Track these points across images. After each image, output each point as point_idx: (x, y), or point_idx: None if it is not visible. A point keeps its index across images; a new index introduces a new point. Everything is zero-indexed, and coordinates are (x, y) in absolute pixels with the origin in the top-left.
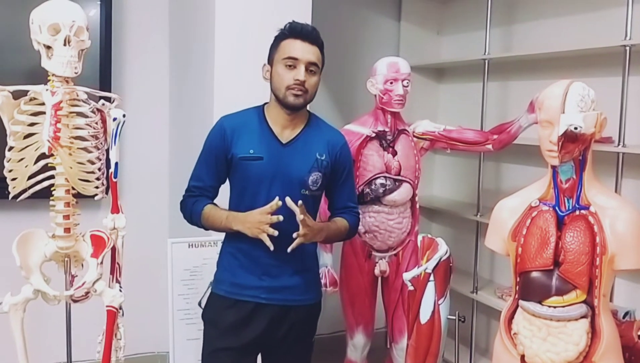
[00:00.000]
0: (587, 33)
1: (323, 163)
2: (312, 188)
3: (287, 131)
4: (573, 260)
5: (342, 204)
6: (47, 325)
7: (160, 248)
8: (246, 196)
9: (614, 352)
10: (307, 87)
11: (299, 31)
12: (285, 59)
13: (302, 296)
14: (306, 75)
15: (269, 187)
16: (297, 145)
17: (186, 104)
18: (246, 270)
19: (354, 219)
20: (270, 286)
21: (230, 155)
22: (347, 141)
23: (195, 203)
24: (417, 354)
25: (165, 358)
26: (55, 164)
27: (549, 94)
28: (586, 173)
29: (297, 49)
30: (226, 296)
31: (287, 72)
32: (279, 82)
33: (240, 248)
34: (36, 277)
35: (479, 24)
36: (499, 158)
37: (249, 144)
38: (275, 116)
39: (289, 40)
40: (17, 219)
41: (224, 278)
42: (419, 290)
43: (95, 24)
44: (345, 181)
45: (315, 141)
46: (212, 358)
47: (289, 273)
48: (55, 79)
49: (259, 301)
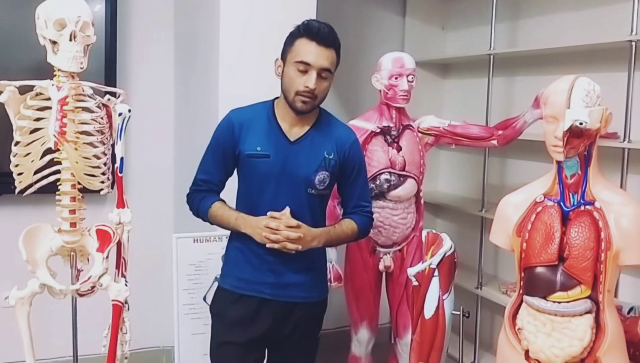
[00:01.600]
0: (592, 28)
1: (331, 162)
2: (318, 187)
3: (295, 128)
4: (578, 255)
5: (354, 203)
6: (53, 319)
7: (165, 243)
8: (252, 193)
9: (618, 348)
10: (316, 93)
11: (315, 33)
12: (297, 63)
13: (308, 294)
14: (317, 81)
15: (276, 185)
16: (304, 143)
17: (191, 99)
18: (252, 266)
19: (365, 221)
20: (276, 282)
21: (238, 151)
22: (357, 138)
23: (203, 199)
24: (421, 349)
25: (170, 352)
26: (61, 159)
27: (554, 89)
28: (591, 169)
29: (310, 54)
30: (232, 290)
31: (299, 76)
32: (289, 84)
33: (246, 243)
34: (42, 271)
35: (484, 19)
36: (504, 154)
37: (257, 141)
38: (284, 113)
39: (304, 41)
40: (23, 213)
41: (230, 272)
42: (424, 285)
43: (100, 19)
44: (356, 179)
45: (324, 139)
46: (219, 351)
47: (295, 271)
48: (61, 74)
49: (263, 297)
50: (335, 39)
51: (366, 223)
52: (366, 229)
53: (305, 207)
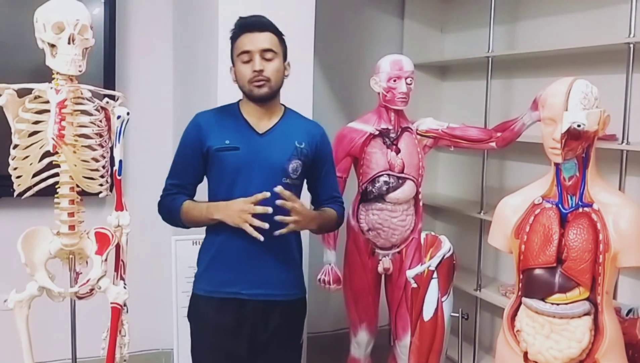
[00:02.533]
0: (590, 30)
1: (303, 151)
2: (292, 176)
3: (263, 122)
4: (576, 257)
5: (328, 195)
6: (52, 322)
7: (164, 246)
8: (224, 187)
9: (617, 349)
10: (267, 75)
11: (245, 24)
12: (240, 55)
13: (286, 291)
14: (263, 63)
15: (247, 177)
16: (274, 134)
17: (190, 102)
18: (226, 268)
19: (341, 210)
20: (253, 279)
21: (206, 148)
22: (325, 131)
23: (173, 200)
24: (420, 351)
25: (169, 355)
26: (60, 162)
27: (552, 91)
28: (589, 171)
29: (247, 42)
30: (206, 295)
31: (245, 66)
32: (241, 78)
33: (218, 244)
34: (41, 274)
35: (482, 21)
36: (503, 156)
37: (225, 136)
38: (249, 109)
39: (240, 37)
40: (22, 216)
41: (203, 278)
42: (422, 287)
43: (99, 22)
44: (328, 171)
45: (293, 130)
46: (200, 358)
47: (272, 266)
48: (60, 77)
49: (241, 298)
50: (268, 23)
51: (342, 212)
52: (342, 217)
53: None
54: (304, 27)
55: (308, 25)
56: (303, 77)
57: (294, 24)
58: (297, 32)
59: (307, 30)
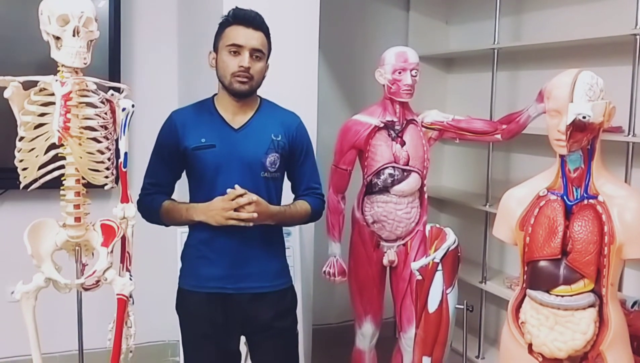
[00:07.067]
0: (596, 22)
1: (280, 144)
2: (270, 170)
3: (238, 117)
4: (581, 249)
5: (305, 186)
6: (59, 313)
7: (169, 237)
8: (204, 185)
9: (621, 341)
10: (252, 73)
11: (242, 17)
12: (229, 46)
13: (271, 282)
14: (251, 61)
15: (226, 173)
16: (249, 129)
17: (194, 95)
18: (210, 263)
19: (318, 202)
20: (236, 274)
21: (183, 148)
22: (302, 121)
23: (152, 200)
24: (425, 343)
25: (175, 346)
26: (65, 154)
27: (557, 83)
28: (595, 162)
29: (240, 36)
30: (191, 290)
31: (232, 59)
32: (224, 69)
33: (202, 239)
34: (47, 266)
35: (487, 13)
36: (508, 148)
37: (201, 134)
38: (225, 104)
39: (232, 27)
40: (28, 209)
41: (187, 272)
42: (427, 279)
43: (104, 14)
44: (305, 160)
45: (269, 123)
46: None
47: (255, 260)
48: (65, 70)
49: (226, 292)
50: (263, 23)
51: (319, 205)
52: (319, 211)
53: (262, 192)
54: (309, 19)
55: (313, 17)
56: (308, 70)
57: (299, 17)
58: (302, 24)
59: (312, 23)
